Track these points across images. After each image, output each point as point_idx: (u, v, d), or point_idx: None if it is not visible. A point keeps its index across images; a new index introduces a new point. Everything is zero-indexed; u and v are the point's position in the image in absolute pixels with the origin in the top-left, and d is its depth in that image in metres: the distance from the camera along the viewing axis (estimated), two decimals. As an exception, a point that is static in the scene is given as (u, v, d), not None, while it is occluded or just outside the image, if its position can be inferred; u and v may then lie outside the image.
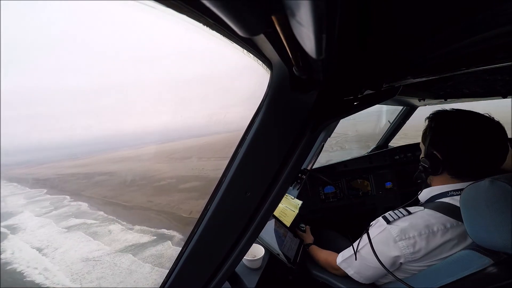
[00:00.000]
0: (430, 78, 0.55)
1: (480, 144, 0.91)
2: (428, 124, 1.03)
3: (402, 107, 2.18)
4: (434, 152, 0.98)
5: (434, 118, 1.02)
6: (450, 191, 0.96)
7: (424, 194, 1.05)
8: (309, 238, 1.45)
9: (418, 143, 2.16)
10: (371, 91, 0.55)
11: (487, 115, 0.95)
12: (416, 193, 1.11)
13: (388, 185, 2.07)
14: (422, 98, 1.53)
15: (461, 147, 0.93)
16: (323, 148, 1.30)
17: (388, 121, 2.37)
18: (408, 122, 2.25)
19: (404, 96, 1.45)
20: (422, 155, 1.05)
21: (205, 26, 0.31)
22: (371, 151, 2.31)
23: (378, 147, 2.42)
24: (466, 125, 0.94)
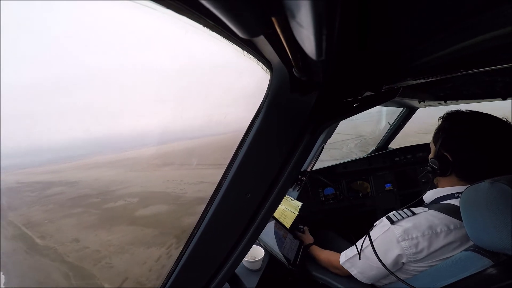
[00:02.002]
0: (430, 79, 0.55)
1: (494, 150, 0.90)
2: (441, 124, 1.02)
3: (402, 108, 2.19)
4: (445, 153, 0.97)
5: (448, 119, 1.01)
6: (456, 193, 0.96)
7: (430, 195, 1.05)
8: (308, 238, 1.45)
9: (418, 145, 2.18)
10: (371, 93, 0.55)
11: (505, 119, 0.94)
12: (417, 194, 1.11)
13: (388, 186, 2.07)
14: (422, 99, 1.53)
15: (473, 151, 0.92)
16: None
17: (388, 122, 2.37)
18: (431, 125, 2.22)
19: (404, 98, 1.46)
20: (431, 156, 1.05)
21: (205, 28, 0.31)
22: (370, 153, 2.31)
23: (378, 148, 2.43)
24: (480, 129, 0.93)
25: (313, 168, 1.10)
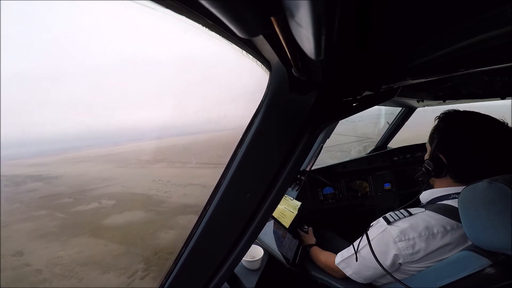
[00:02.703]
0: (429, 79, 0.55)
1: (489, 151, 0.89)
2: (437, 124, 1.01)
3: (400, 108, 2.19)
4: (440, 155, 0.97)
5: (444, 119, 1.00)
6: (452, 194, 0.96)
7: (426, 196, 1.05)
8: (311, 239, 1.45)
9: (417, 145, 2.18)
10: (370, 92, 0.55)
11: (502, 120, 0.93)
12: (416, 194, 1.11)
13: (387, 186, 2.07)
14: (421, 99, 1.53)
15: (468, 152, 0.91)
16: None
17: (387, 122, 2.37)
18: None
19: (403, 97, 1.46)
20: (426, 157, 1.05)
21: (204, 27, 0.31)
22: (370, 153, 2.31)
23: (377, 148, 2.43)
24: (476, 130, 0.92)
25: (312, 168, 1.10)
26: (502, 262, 0.74)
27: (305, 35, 0.21)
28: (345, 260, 1.09)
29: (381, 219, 1.00)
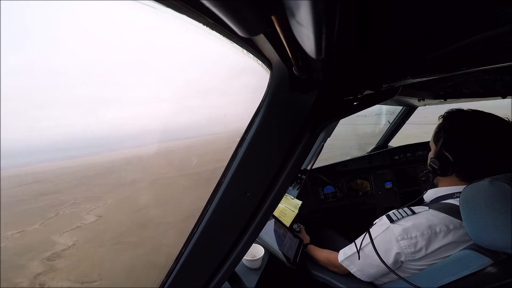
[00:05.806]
0: (430, 78, 0.55)
1: (496, 151, 0.89)
2: (442, 123, 1.01)
3: (401, 107, 2.19)
4: (446, 153, 0.97)
5: (449, 118, 1.00)
6: (457, 192, 0.96)
7: (430, 194, 1.05)
8: (305, 238, 1.45)
9: (417, 143, 2.18)
10: (371, 91, 0.55)
11: (507, 119, 0.93)
12: (417, 193, 1.11)
13: (388, 185, 2.07)
14: (421, 98, 1.53)
15: (475, 152, 0.91)
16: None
17: (388, 121, 2.37)
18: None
19: (404, 96, 1.45)
20: (432, 155, 1.04)
21: (205, 26, 0.31)
22: (370, 151, 2.32)
23: (377, 147, 2.43)
24: (482, 129, 0.92)
25: (313, 167, 1.10)
26: (503, 261, 0.74)
27: (305, 34, 0.21)
28: (348, 258, 1.09)
29: (384, 217, 1.00)
